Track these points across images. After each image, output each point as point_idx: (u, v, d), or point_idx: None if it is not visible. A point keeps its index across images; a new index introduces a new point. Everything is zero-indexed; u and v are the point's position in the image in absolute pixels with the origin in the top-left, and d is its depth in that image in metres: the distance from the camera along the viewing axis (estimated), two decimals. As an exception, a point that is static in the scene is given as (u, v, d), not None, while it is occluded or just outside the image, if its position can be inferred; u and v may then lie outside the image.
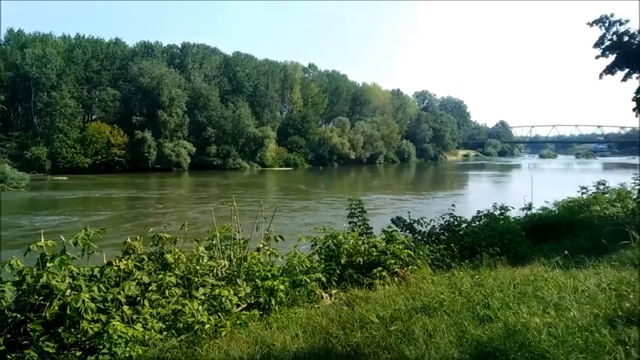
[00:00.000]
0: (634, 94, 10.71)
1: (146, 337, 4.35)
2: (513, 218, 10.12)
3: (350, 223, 8.27)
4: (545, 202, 12.52)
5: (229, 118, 70.66)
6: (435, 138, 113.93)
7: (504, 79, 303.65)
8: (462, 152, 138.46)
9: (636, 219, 9.81)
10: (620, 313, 3.87)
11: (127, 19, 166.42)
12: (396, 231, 8.02)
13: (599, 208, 11.38)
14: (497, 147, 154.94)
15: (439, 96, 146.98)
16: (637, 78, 10.58)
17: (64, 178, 50.56)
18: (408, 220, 8.89)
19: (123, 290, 4.71)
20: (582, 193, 13.05)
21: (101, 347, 4.18)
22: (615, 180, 14.69)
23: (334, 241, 6.74)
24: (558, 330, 3.53)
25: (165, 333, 4.54)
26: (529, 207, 11.51)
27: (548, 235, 9.45)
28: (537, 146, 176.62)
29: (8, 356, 3.91)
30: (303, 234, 7.20)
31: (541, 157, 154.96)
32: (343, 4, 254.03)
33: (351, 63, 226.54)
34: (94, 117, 68.03)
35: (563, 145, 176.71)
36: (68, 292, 4.36)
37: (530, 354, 3.25)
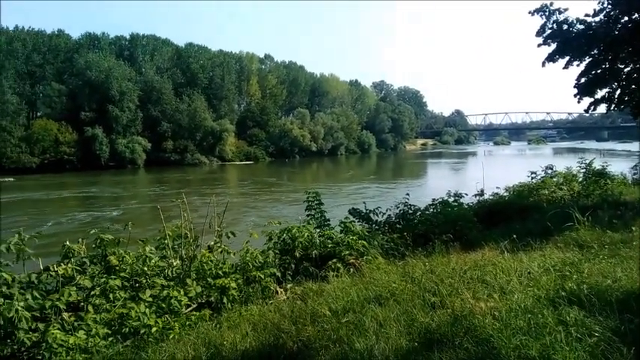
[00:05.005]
0: (575, 81, 11.18)
1: (89, 344, 4.15)
2: (466, 204, 10.37)
3: (307, 215, 8.23)
4: (497, 187, 12.93)
5: (185, 112, 68.71)
6: (393, 128, 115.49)
7: (459, 69, 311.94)
8: (420, 141, 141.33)
9: (581, 201, 10.28)
10: (563, 294, 3.99)
11: (70, 9, 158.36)
12: (353, 222, 8.04)
13: (547, 192, 11.82)
14: (454, 135, 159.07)
15: (396, 86, 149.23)
16: (577, 65, 11.03)
17: (11, 179, 47.60)
18: (365, 211, 8.95)
19: (62, 296, 4.46)
20: (532, 178, 13.54)
21: (40, 357, 3.96)
22: (563, 164, 15.34)
23: (289, 234, 6.66)
24: (502, 313, 3.60)
25: (110, 339, 4.35)
26: (481, 193, 11.84)
27: (499, 219, 9.73)
28: (492, 133, 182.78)
29: None
30: (264, 229, 7.09)
31: (495, 144, 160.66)
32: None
33: (308, 54, 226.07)
34: (39, 114, 63.96)
35: (515, 132, 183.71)
36: (0, 301, 4.09)
37: (475, 338, 3.29)
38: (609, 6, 10.33)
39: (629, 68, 11.00)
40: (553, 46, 11.09)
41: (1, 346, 4.02)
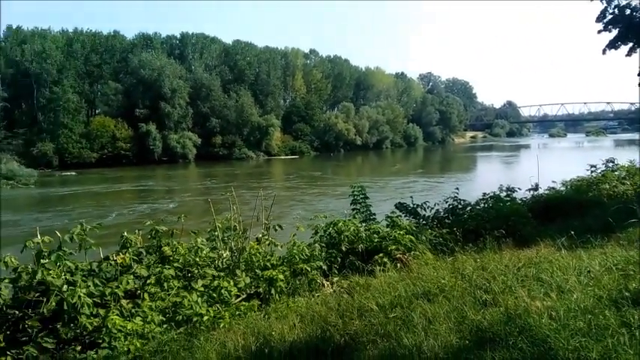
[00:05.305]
0: (639, 69, 10.46)
1: (146, 330, 4.34)
2: (520, 199, 9.97)
3: (353, 209, 8.21)
4: (553, 181, 12.34)
5: (232, 108, 70.30)
6: (441, 120, 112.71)
7: (511, 58, 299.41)
8: (469, 134, 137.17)
9: (646, 196, 9.62)
10: (626, 294, 3.76)
11: (124, 10, 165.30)
12: (400, 216, 7.94)
13: (608, 187, 11.14)
14: (506, 127, 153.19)
15: (444, 77, 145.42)
16: None
17: (72, 173, 50.84)
18: (412, 205, 8.79)
19: (121, 284, 4.69)
20: (591, 172, 12.80)
21: (101, 341, 4.18)
22: (626, 157, 14.42)
23: (335, 228, 6.67)
24: (560, 313, 3.44)
25: (165, 326, 4.54)
26: (535, 187, 11.33)
27: (556, 215, 9.30)
28: (546, 125, 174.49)
29: (8, 352, 3.92)
30: (310, 222, 7.16)
31: (550, 136, 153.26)
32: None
33: (353, 47, 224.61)
34: (97, 111, 67.66)
35: (572, 124, 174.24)
36: (65, 287, 4.34)
37: (530, 338, 3.16)
38: None
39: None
40: (615, 32, 10.43)
41: (66, 330, 4.27)
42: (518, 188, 10.33)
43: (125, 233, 5.35)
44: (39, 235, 4.56)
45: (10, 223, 23.77)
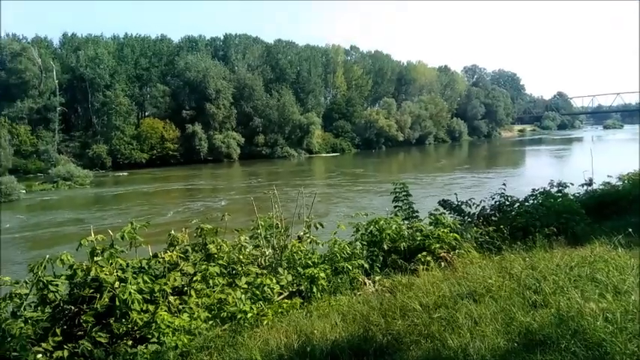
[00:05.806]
0: None
1: (192, 326, 4.46)
2: (572, 195, 9.49)
3: (395, 207, 8.11)
4: (609, 176, 11.66)
5: (274, 107, 70.99)
6: (487, 114, 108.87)
7: (561, 47, 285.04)
8: (517, 128, 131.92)
9: None
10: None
11: (169, 14, 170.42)
12: (444, 214, 7.76)
13: (670, 180, 10.42)
14: (556, 120, 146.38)
15: (490, 70, 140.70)
16: None
17: (125, 173, 53.34)
18: (456, 202, 8.58)
19: (168, 281, 4.86)
20: (651, 164, 12.01)
21: (150, 337, 4.34)
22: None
23: (376, 226, 6.60)
24: (616, 316, 3.24)
25: (210, 322, 4.65)
26: (589, 182, 10.75)
27: (612, 212, 8.82)
28: (601, 117, 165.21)
29: (65, 346, 4.14)
30: (350, 220, 7.13)
31: (605, 128, 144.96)
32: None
33: (395, 41, 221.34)
34: (146, 113, 70.25)
35: (629, 114, 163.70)
36: (117, 284, 4.54)
37: (584, 342, 3.00)
38: None
39: None
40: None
41: (118, 325, 4.46)
42: (571, 183, 9.83)
43: (172, 232, 5.54)
44: (92, 234, 4.80)
45: (73, 221, 25.36)
